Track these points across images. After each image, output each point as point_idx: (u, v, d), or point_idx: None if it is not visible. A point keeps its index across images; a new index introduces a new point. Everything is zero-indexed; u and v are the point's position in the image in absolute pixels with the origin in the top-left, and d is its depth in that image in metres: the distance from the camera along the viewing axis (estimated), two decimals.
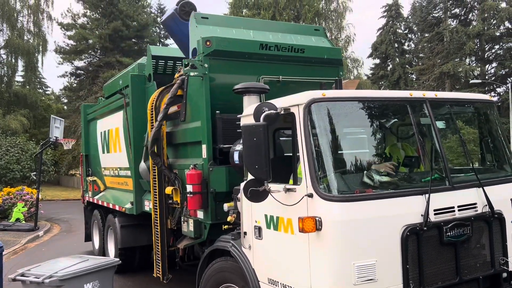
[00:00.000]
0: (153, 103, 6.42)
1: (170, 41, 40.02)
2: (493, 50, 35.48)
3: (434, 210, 3.75)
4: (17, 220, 15.19)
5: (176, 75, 6.70)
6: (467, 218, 3.92)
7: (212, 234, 5.38)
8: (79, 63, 39.02)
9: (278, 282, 3.96)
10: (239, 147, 4.88)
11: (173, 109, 6.34)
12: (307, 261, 3.58)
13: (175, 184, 6.09)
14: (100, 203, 9.34)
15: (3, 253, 6.40)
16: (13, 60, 34.40)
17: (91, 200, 10.01)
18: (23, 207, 15.84)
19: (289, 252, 3.82)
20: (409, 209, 3.66)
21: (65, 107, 42.61)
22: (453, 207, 3.87)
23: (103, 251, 9.11)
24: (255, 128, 3.59)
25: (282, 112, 3.81)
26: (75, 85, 39.64)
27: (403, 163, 4.47)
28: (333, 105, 3.80)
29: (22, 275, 4.77)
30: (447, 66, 32.73)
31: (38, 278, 4.58)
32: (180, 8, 6.73)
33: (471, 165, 4.29)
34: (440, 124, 4.27)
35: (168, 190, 6.13)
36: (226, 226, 4.95)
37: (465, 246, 3.91)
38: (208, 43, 5.50)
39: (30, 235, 13.48)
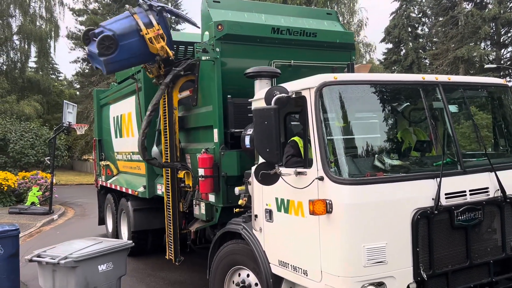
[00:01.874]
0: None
1: (180, 26, 39.86)
2: (509, 34, 34.70)
3: (445, 194, 3.74)
4: (32, 203, 15.48)
5: (151, 75, 6.65)
6: (479, 202, 3.90)
7: (223, 217, 5.45)
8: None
9: (288, 264, 4.00)
10: (250, 131, 4.90)
11: (185, 93, 6.37)
12: (317, 243, 3.62)
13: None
14: (113, 187, 9.47)
15: (19, 235, 6.55)
16: (26, 46, 34.66)
17: (104, 184, 10.15)
18: (38, 191, 16.13)
19: (299, 235, 3.86)
20: (420, 193, 3.66)
21: (78, 93, 42.93)
22: (465, 191, 3.86)
23: (116, 234, 9.26)
24: (266, 111, 3.60)
25: (294, 96, 3.81)
26: (87, 70, 39.81)
27: (415, 147, 4.45)
28: (345, 88, 3.78)
29: (38, 256, 4.88)
30: (461, 51, 32.14)
31: (54, 259, 4.69)
32: (99, 45, 5.74)
33: (483, 150, 4.25)
34: (452, 108, 4.24)
35: (181, 173, 6.21)
36: (237, 209, 5.01)
37: (476, 230, 3.91)
38: (220, 27, 5.49)
39: (45, 218, 13.74)
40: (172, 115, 6.34)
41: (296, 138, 4.32)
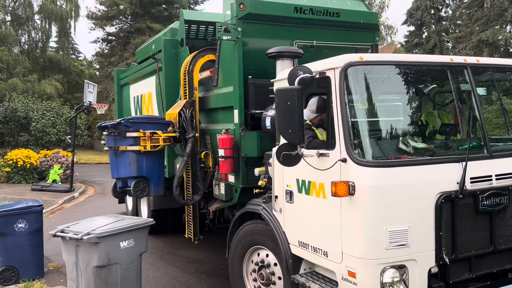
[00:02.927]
0: (186, 68, 6.44)
1: (199, 7, 39.68)
2: None
3: (471, 178, 3.67)
4: (54, 181, 15.79)
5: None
6: (505, 187, 3.83)
7: (242, 198, 5.47)
8: (110, 29, 39.29)
9: (308, 244, 4.01)
10: (271, 112, 4.87)
11: (205, 74, 6.35)
12: (339, 225, 3.61)
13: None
14: None
15: (43, 211, 6.71)
16: (47, 26, 35.01)
17: None
18: (59, 169, 16.43)
19: (320, 216, 3.85)
20: (444, 177, 3.60)
21: (97, 73, 43.26)
22: (491, 176, 3.79)
23: (136, 213, 9.39)
24: (290, 92, 3.55)
25: (317, 76, 3.75)
26: (106, 51, 40.03)
27: (440, 130, 4.37)
28: (371, 69, 3.70)
29: (62, 231, 4.97)
30: (486, 34, 31.24)
31: (77, 234, 4.77)
32: (137, 194, 5.95)
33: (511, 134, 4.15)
34: (480, 91, 4.13)
35: (201, 154, 6.25)
36: (257, 190, 5.02)
37: (501, 215, 3.84)
38: (241, 6, 5.42)
39: (66, 196, 14.02)
40: (192, 96, 6.36)
41: (308, 121, 4.27)
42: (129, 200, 10.31)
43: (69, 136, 18.61)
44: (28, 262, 6.32)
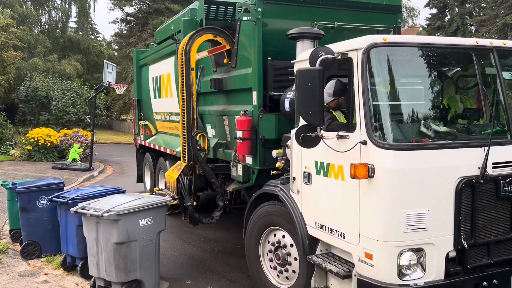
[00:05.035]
0: (183, 48, 6.35)
1: None
2: None
3: (493, 164, 3.62)
4: (74, 160, 16.09)
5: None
6: None
7: (259, 179, 5.50)
8: (129, 10, 39.33)
9: (325, 226, 4.02)
10: (289, 94, 4.85)
11: (202, 54, 6.40)
12: (357, 207, 3.61)
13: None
14: (151, 146, 9.68)
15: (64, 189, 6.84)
16: (67, 6, 35.27)
17: (143, 143, 10.38)
18: (78, 148, 16.71)
19: (338, 198, 3.85)
20: (466, 161, 3.56)
21: (116, 53, 43.49)
22: None
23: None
24: (311, 72, 3.51)
25: (339, 57, 3.71)
26: (125, 31, 40.15)
27: (462, 114, 4.30)
28: (394, 50, 3.65)
29: (83, 208, 5.08)
30: (511, 17, 30.34)
31: (98, 211, 4.87)
32: None
33: None
34: (506, 75, 4.04)
35: (196, 137, 6.33)
36: (274, 172, 5.04)
37: None
38: None
39: (86, 174, 14.28)
40: (190, 77, 6.31)
41: (326, 104, 4.24)
42: (148, 179, 10.46)
43: (89, 116, 18.87)
44: (50, 238, 6.48)
